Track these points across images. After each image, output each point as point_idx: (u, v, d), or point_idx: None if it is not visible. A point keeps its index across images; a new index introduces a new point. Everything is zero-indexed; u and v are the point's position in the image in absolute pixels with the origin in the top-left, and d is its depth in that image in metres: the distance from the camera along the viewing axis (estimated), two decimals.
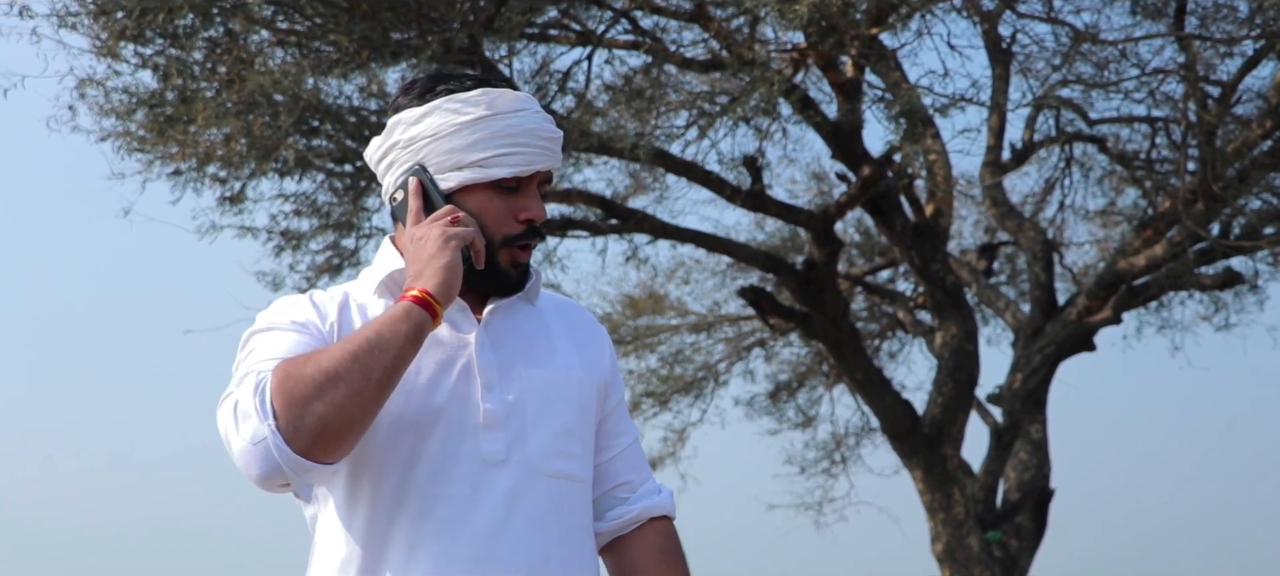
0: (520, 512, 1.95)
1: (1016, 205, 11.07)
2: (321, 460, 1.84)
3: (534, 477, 1.97)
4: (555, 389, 2.03)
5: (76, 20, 7.21)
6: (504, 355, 2.02)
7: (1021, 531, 9.82)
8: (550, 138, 2.04)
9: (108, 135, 7.64)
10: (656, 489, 2.16)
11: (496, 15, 7.24)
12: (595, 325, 2.19)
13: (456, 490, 1.94)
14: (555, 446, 2.00)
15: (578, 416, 2.05)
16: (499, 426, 1.97)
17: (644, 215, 9.21)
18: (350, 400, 1.82)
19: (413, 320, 1.88)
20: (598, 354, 2.14)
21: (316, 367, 1.83)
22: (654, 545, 2.13)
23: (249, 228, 7.71)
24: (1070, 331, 9.91)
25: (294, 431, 1.81)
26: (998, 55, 9.34)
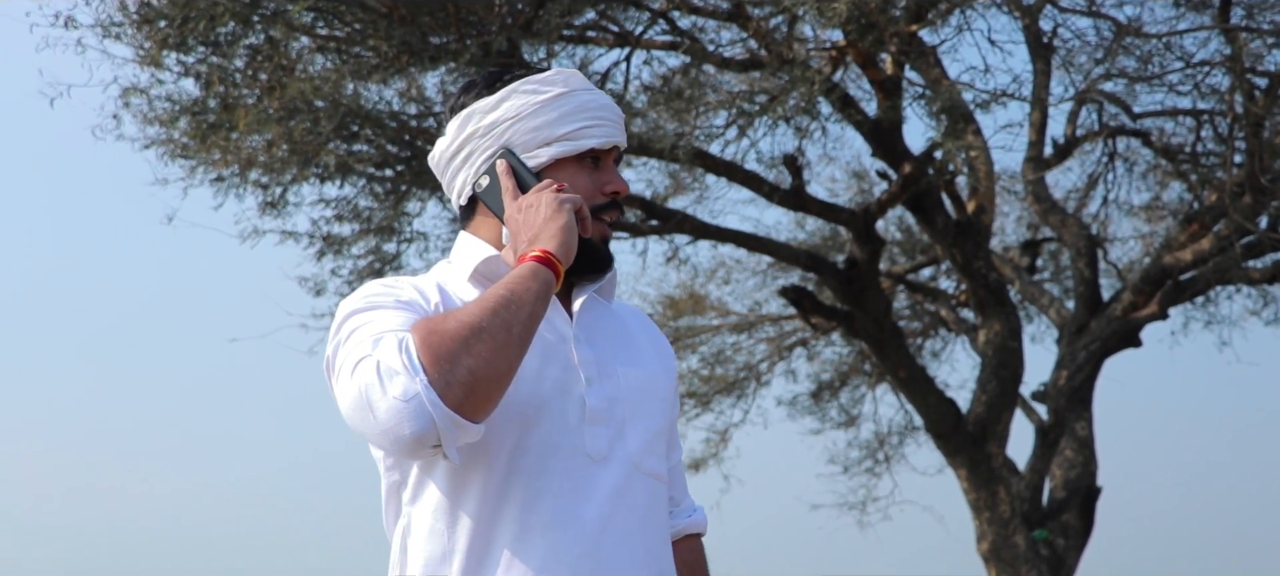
0: (623, 509, 1.96)
1: (1059, 201, 10.98)
2: (472, 416, 1.82)
3: (634, 475, 1.99)
4: (647, 388, 2.06)
5: (120, 30, 7.28)
6: (599, 350, 2.03)
7: (1068, 529, 9.74)
8: (620, 115, 2.12)
9: (152, 143, 7.71)
10: (693, 507, 2.23)
11: (535, 18, 7.25)
12: (661, 337, 2.22)
13: (562, 484, 1.93)
14: (650, 445, 2.03)
15: (665, 418, 2.08)
16: (602, 422, 1.98)
17: (684, 215, 9.20)
18: (495, 354, 1.81)
19: (540, 279, 1.89)
20: (666, 361, 2.17)
21: (459, 323, 1.81)
22: (686, 561, 2.20)
23: (290, 232, 7.76)
24: (1115, 327, 9.82)
25: (446, 386, 1.79)
26: (1039, 50, 9.27)
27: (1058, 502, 9.85)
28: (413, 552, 1.97)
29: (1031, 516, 9.68)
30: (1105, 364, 10.08)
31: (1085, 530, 9.83)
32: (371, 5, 7.21)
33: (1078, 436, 10.02)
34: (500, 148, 2.05)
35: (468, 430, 1.83)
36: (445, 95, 8.31)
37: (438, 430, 1.80)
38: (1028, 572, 9.38)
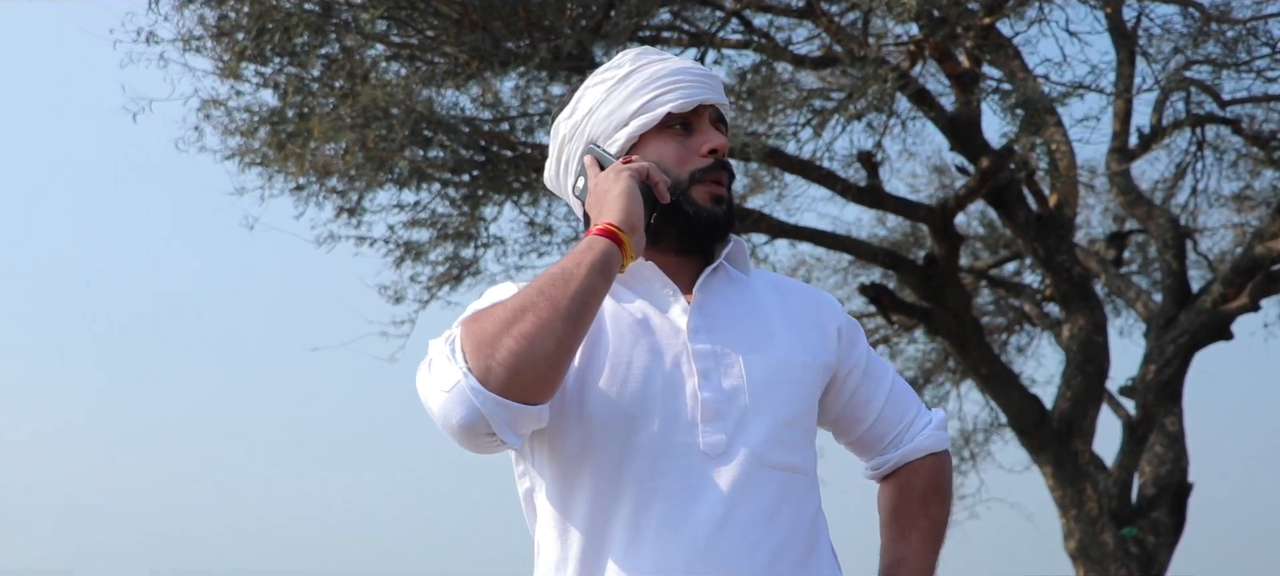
0: (744, 506, 1.88)
1: (1146, 192, 10.77)
2: (521, 399, 1.77)
3: (757, 469, 1.91)
4: (777, 374, 1.96)
5: (200, 43, 7.42)
6: (719, 339, 1.96)
7: (1159, 527, 9.54)
8: (705, 73, 2.06)
9: (232, 154, 7.85)
10: (920, 428, 2.15)
11: (604, 20, 7.27)
12: (821, 301, 2.12)
13: (675, 485, 1.88)
14: (778, 436, 1.94)
15: (801, 404, 1.98)
16: (719, 417, 1.91)
17: (760, 215, 9.16)
18: (539, 330, 1.76)
19: (596, 249, 1.84)
20: (824, 333, 2.07)
21: (503, 308, 1.80)
22: (908, 486, 2.14)
23: (366, 238, 7.86)
24: (1205, 320, 9.60)
25: (486, 370, 1.77)
26: (1122, 39, 9.10)
27: (1147, 499, 9.66)
28: (538, 558, 1.97)
29: (1120, 514, 9.50)
30: (1195, 357, 9.86)
31: (1176, 527, 9.62)
32: (444, 11, 7.28)
33: (1167, 432, 9.82)
34: (585, 145, 2.06)
35: (521, 412, 1.78)
36: (522, 99, 8.36)
37: (484, 416, 1.77)
38: (1117, 571, 9.21)
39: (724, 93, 2.07)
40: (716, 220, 2.00)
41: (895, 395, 2.14)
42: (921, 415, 2.16)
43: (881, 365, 2.16)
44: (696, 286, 1.99)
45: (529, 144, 8.11)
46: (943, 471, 2.15)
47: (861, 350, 2.13)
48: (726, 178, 2.02)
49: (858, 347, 2.12)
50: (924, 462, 2.14)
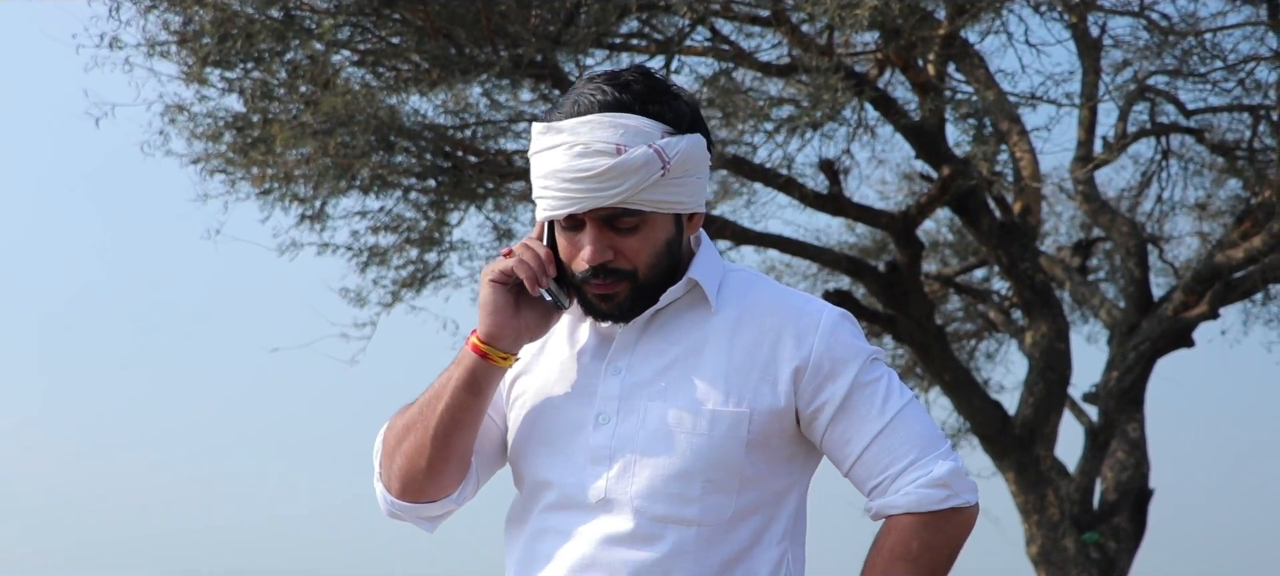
0: (611, 558, 1.85)
1: (1111, 200, 10.86)
2: (418, 501, 1.97)
3: (637, 521, 1.85)
4: (676, 423, 1.86)
5: (165, 48, 7.45)
6: (632, 381, 1.90)
7: (1120, 532, 9.63)
8: (578, 176, 1.83)
9: (198, 159, 7.88)
10: (901, 486, 1.88)
11: (567, 28, 7.32)
12: (783, 335, 1.91)
13: (562, 523, 1.89)
14: (663, 488, 1.85)
15: (701, 456, 1.85)
16: (606, 462, 1.88)
17: (726, 221, 9.22)
18: (417, 450, 1.93)
19: (463, 365, 1.91)
20: (769, 374, 1.89)
21: (402, 420, 1.97)
22: (877, 545, 1.91)
23: (329, 244, 7.90)
24: (1166, 327, 9.69)
25: (388, 480, 1.98)
26: (1087, 48, 9.18)
27: (1109, 505, 9.74)
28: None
29: (1082, 519, 9.59)
30: (1158, 364, 9.96)
31: (1137, 533, 9.71)
32: (407, 19, 7.32)
33: (1129, 438, 9.91)
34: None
35: (422, 510, 1.98)
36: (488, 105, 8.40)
37: (395, 512, 2.00)
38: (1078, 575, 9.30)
39: (626, 178, 1.82)
40: (607, 317, 1.91)
41: (884, 438, 1.90)
42: (918, 465, 1.89)
43: (876, 402, 1.90)
44: (629, 326, 1.93)
45: (493, 150, 8.16)
46: (920, 535, 1.87)
47: (842, 384, 1.89)
48: (610, 283, 1.88)
49: (835, 382, 1.89)
50: (898, 521, 1.88)
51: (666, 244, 1.89)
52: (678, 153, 1.84)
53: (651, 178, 1.83)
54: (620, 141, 1.82)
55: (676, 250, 1.91)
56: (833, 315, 1.92)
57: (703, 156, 1.90)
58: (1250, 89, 8.79)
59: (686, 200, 1.89)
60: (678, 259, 1.92)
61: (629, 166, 1.82)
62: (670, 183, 1.85)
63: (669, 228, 1.89)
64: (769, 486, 1.90)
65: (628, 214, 1.85)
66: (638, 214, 1.86)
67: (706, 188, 1.94)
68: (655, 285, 1.90)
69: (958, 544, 1.91)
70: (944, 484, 1.87)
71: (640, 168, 1.82)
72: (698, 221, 1.96)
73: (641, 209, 1.85)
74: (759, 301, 1.93)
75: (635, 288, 1.88)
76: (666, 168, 1.83)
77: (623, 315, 1.90)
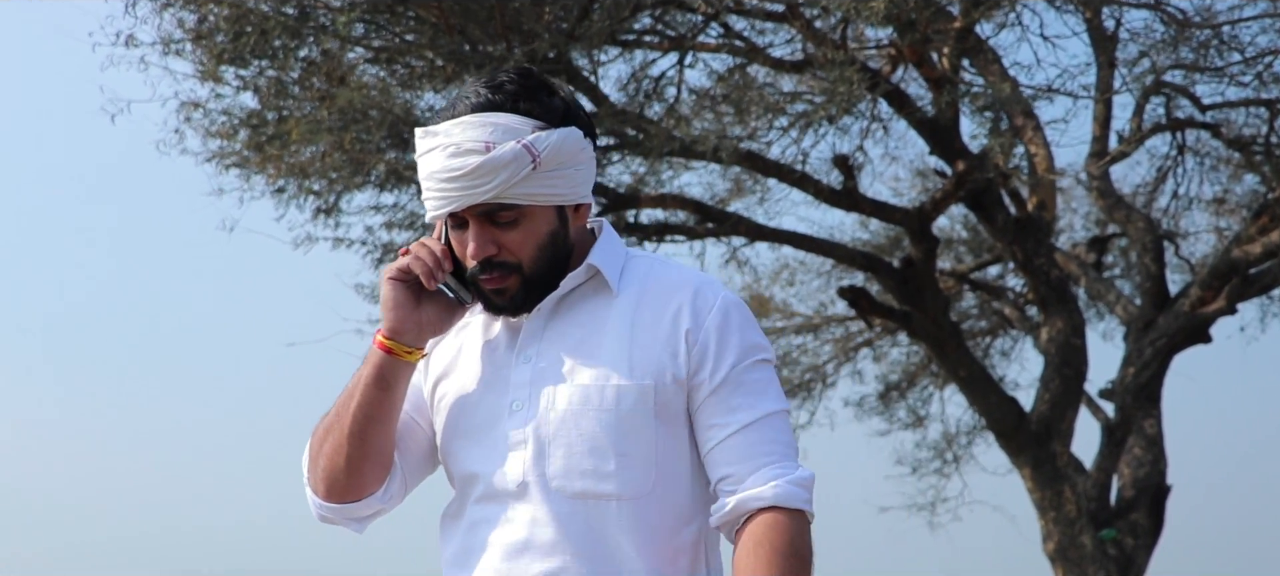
0: (539, 536, 1.91)
1: (1127, 196, 10.82)
2: (342, 501, 2.04)
3: (556, 500, 1.91)
4: (583, 400, 1.92)
5: (179, 46, 7.46)
6: (539, 367, 1.96)
7: (1137, 529, 9.59)
8: (450, 176, 1.90)
9: (213, 156, 7.89)
10: (765, 478, 1.89)
11: (581, 24, 7.31)
12: (682, 308, 1.96)
13: (489, 513, 1.95)
14: (578, 464, 1.90)
15: (608, 429, 1.90)
16: (522, 447, 1.93)
17: (739, 218, 9.20)
18: (336, 449, 2.01)
19: (371, 362, 2.00)
20: (664, 347, 1.94)
21: (323, 425, 2.05)
22: (750, 541, 1.88)
23: (343, 239, 7.91)
24: (1183, 323, 9.65)
25: (314, 484, 2.06)
26: (1101, 43, 9.14)
27: (1126, 502, 9.70)
28: None
29: (1099, 516, 9.55)
30: (1175, 360, 9.92)
31: (1155, 529, 9.67)
32: (421, 16, 7.32)
33: (1146, 434, 9.87)
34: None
35: (347, 510, 2.04)
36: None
37: (322, 514, 2.07)
38: (1095, 573, 9.25)
39: (496, 174, 1.88)
40: (501, 310, 1.98)
41: (750, 433, 1.92)
42: (779, 463, 1.91)
43: (750, 397, 1.94)
44: (534, 313, 1.99)
45: None
46: (800, 535, 1.87)
47: (723, 368, 1.93)
48: (497, 276, 1.94)
49: (719, 363, 1.94)
50: (772, 517, 1.87)
51: (550, 236, 1.96)
52: (548, 146, 1.91)
53: (522, 172, 1.90)
54: (489, 139, 1.89)
55: (562, 241, 1.98)
56: (731, 299, 1.98)
57: (579, 149, 1.95)
58: (1268, 82, 8.73)
59: (565, 192, 1.95)
60: (565, 250, 1.98)
61: (498, 163, 1.88)
62: (544, 176, 1.92)
63: (551, 220, 1.96)
64: (684, 460, 1.95)
65: (504, 208, 1.92)
66: (515, 208, 1.92)
67: (589, 179, 1.99)
68: (543, 276, 1.96)
69: (812, 559, 1.91)
70: (805, 486, 1.91)
71: (510, 163, 1.89)
72: (584, 212, 2.02)
73: (517, 203, 1.92)
74: (660, 279, 1.99)
75: (524, 280, 1.95)
76: (537, 161, 1.90)
77: (517, 308, 1.97)
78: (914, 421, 12.44)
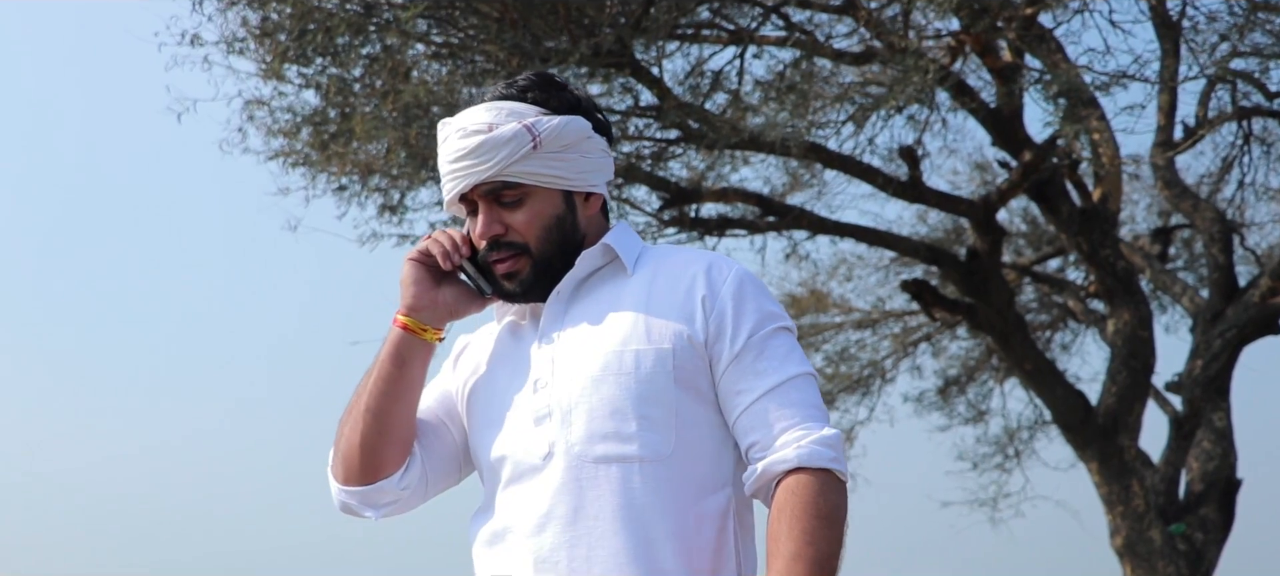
0: (563, 505, 1.94)
1: (1192, 186, 10.67)
2: (358, 483, 2.07)
3: (580, 466, 1.94)
4: (604, 367, 1.95)
5: (243, 45, 7.48)
6: (561, 346, 2.01)
7: (1207, 523, 9.45)
8: (456, 157, 2.00)
9: (276, 154, 7.91)
10: (789, 441, 1.92)
11: (644, 16, 7.27)
12: (697, 278, 2.01)
13: (516, 493, 2.00)
14: (601, 429, 1.94)
15: (633, 391, 1.93)
16: (546, 420, 1.98)
17: (802, 211, 9.14)
18: (352, 427, 2.07)
19: (389, 340, 2.07)
20: (682, 313, 1.98)
21: (344, 414, 2.11)
22: (776, 505, 1.90)
23: (408, 236, 7.91)
24: (1253, 314, 9.50)
25: (335, 468, 2.11)
26: (1166, 30, 9.01)
27: (1195, 496, 9.56)
28: None
29: (1167, 510, 9.42)
30: (1243, 352, 9.77)
31: (1225, 524, 9.52)
32: (483, 10, 7.31)
33: (1215, 427, 9.72)
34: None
35: (363, 493, 2.08)
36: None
37: (341, 500, 2.11)
38: (1165, 568, 9.12)
39: (496, 151, 1.97)
40: (511, 296, 2.05)
41: (775, 396, 1.94)
42: (803, 425, 1.93)
43: (773, 361, 1.96)
44: (552, 296, 2.04)
45: None
46: (825, 494, 1.88)
47: (743, 333, 1.97)
48: (506, 257, 2.03)
49: (738, 329, 1.97)
50: (798, 478, 1.89)
51: (556, 219, 2.03)
52: (549, 129, 2.00)
53: (522, 150, 1.98)
54: (493, 121, 2.00)
55: (570, 227, 2.05)
56: (745, 271, 2.03)
57: (584, 136, 2.03)
58: None
59: (570, 177, 2.03)
60: (574, 237, 2.05)
61: (499, 140, 1.98)
62: (546, 157, 2.00)
63: (556, 203, 2.03)
64: (706, 427, 1.97)
65: (508, 187, 2.00)
66: (518, 187, 2.01)
67: (600, 171, 2.07)
68: (551, 259, 2.03)
69: (846, 518, 1.92)
70: (832, 445, 1.92)
71: (510, 141, 1.98)
72: (596, 203, 2.09)
73: (520, 181, 2.00)
74: (674, 258, 2.05)
75: (533, 263, 2.02)
76: (537, 141, 1.99)
77: (529, 291, 2.04)
78: (974, 416, 12.32)
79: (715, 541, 1.94)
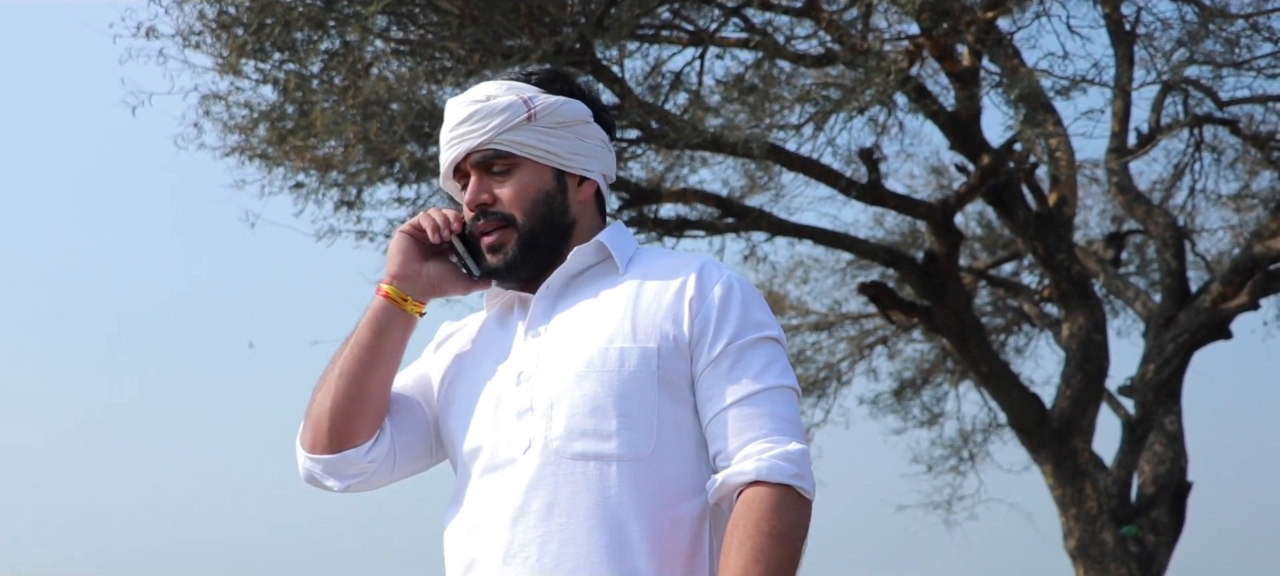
0: (538, 499, 1.93)
1: (1145, 192, 10.78)
2: (325, 451, 2.06)
3: (557, 462, 1.93)
4: (588, 364, 1.95)
5: (200, 39, 7.39)
6: (547, 340, 2.01)
7: (1158, 526, 9.54)
8: (454, 125, 2.05)
9: (232, 150, 7.81)
10: (751, 454, 1.89)
11: (605, 16, 7.25)
12: (686, 281, 2.00)
13: (491, 485, 2.00)
14: (581, 426, 1.93)
15: (615, 390, 1.92)
16: (528, 414, 1.98)
17: (761, 212, 9.15)
18: (324, 393, 2.06)
19: (370, 307, 2.08)
20: (667, 314, 1.97)
21: (318, 383, 2.10)
22: (732, 519, 1.89)
23: (366, 233, 7.85)
24: (1204, 319, 9.61)
25: (303, 434, 2.09)
26: (1120, 37, 9.09)
27: (1147, 498, 9.66)
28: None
29: (1120, 512, 9.50)
30: (1194, 357, 9.87)
31: (1176, 526, 9.63)
32: (444, 7, 7.26)
33: (1167, 431, 9.82)
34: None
35: (330, 462, 2.06)
36: None
37: (306, 469, 2.09)
38: (1117, 570, 9.20)
39: (491, 118, 2.01)
40: (492, 271, 2.06)
41: (744, 407, 1.92)
42: (768, 437, 1.90)
43: (749, 370, 1.94)
44: (541, 291, 2.04)
45: None
46: (781, 511, 1.85)
47: (723, 339, 1.95)
48: (492, 227, 2.04)
49: (719, 334, 1.95)
50: (755, 492, 1.86)
51: (545, 195, 2.04)
52: (545, 105, 2.03)
53: (515, 120, 2.01)
54: (491, 93, 2.04)
55: (559, 207, 2.05)
56: (737, 277, 2.01)
57: (581, 119, 2.06)
58: None
59: (562, 155, 2.04)
60: (563, 218, 2.05)
61: (493, 109, 2.02)
62: (540, 131, 2.02)
63: (546, 180, 2.05)
64: (687, 430, 1.95)
65: (500, 156, 2.03)
66: (508, 157, 2.03)
67: (595, 157, 2.08)
68: (539, 236, 2.03)
69: (804, 537, 1.88)
70: (796, 461, 1.88)
71: (504, 110, 2.01)
72: (588, 189, 2.09)
73: (511, 151, 2.02)
74: (667, 260, 2.05)
75: (520, 238, 2.03)
76: (532, 113, 2.02)
77: (514, 269, 2.03)
78: (929, 419, 12.38)
79: (689, 546, 1.92)
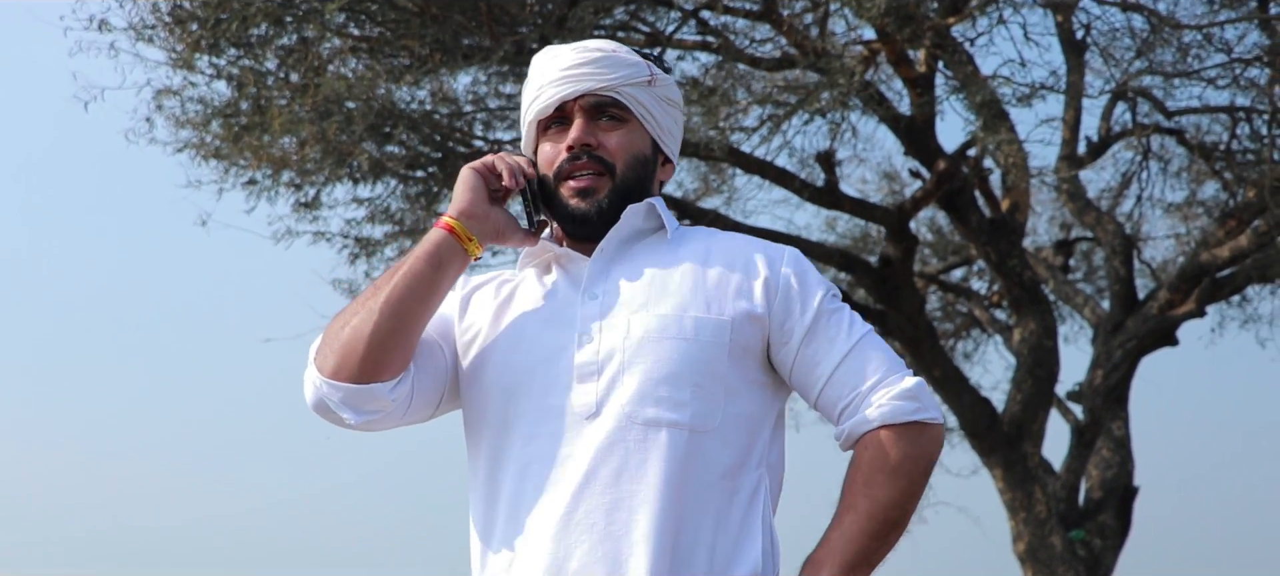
0: (608, 464, 1.92)
1: (1094, 199, 10.90)
2: (351, 380, 1.95)
3: (627, 427, 1.93)
4: (660, 330, 1.96)
5: (153, 33, 7.28)
6: (610, 302, 2.00)
7: (1105, 530, 9.65)
8: (574, 65, 2.05)
9: (185, 146, 7.70)
10: (872, 401, 1.99)
11: (567, 16, 7.22)
12: (754, 256, 2.05)
13: (549, 446, 1.96)
14: (652, 393, 1.93)
15: (687, 359, 1.94)
16: (593, 376, 1.95)
17: (716, 214, 9.15)
18: (363, 319, 1.96)
19: (429, 239, 2.02)
20: (738, 292, 2.01)
21: (351, 304, 2.03)
22: (856, 462, 2.00)
23: (323, 233, 7.76)
24: (1152, 326, 9.73)
25: (323, 359, 1.98)
26: (1072, 46, 9.19)
27: (1094, 503, 9.76)
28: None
29: (1068, 517, 9.60)
30: (1141, 363, 10.00)
31: (1122, 530, 9.74)
32: (403, 5, 7.19)
33: (1114, 436, 9.94)
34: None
35: (353, 392, 1.96)
36: (475, 98, 8.28)
37: (322, 398, 1.99)
38: (1065, 573, 9.30)
39: (617, 68, 2.05)
40: (577, 216, 2.05)
41: (852, 359, 2.01)
42: (887, 381, 2.00)
43: (842, 327, 2.03)
44: (596, 252, 2.04)
45: (486, 139, 8.04)
46: (897, 446, 1.97)
47: (812, 307, 2.02)
48: (587, 169, 2.04)
49: (806, 304, 2.02)
50: (874, 436, 1.98)
51: (643, 159, 2.07)
52: (661, 77, 2.09)
53: (640, 77, 2.06)
54: (614, 47, 2.08)
55: (649, 175, 2.09)
56: (795, 251, 2.09)
57: (679, 105, 2.14)
58: (1244, 88, 8.81)
59: (664, 128, 2.10)
60: (648, 187, 2.09)
61: (620, 60, 2.06)
62: (654, 99, 2.07)
63: (647, 145, 2.08)
64: (748, 406, 2.00)
65: (615, 105, 2.05)
66: (623, 109, 2.06)
67: (678, 143, 2.16)
68: (630, 193, 2.05)
69: (931, 460, 2.00)
70: (913, 396, 1.99)
71: (631, 65, 2.06)
72: (668, 171, 2.16)
73: (629, 105, 2.06)
74: (726, 240, 2.09)
75: (613, 187, 2.04)
76: (653, 78, 2.07)
77: (598, 215, 2.03)
78: None
79: (743, 517, 1.96)
